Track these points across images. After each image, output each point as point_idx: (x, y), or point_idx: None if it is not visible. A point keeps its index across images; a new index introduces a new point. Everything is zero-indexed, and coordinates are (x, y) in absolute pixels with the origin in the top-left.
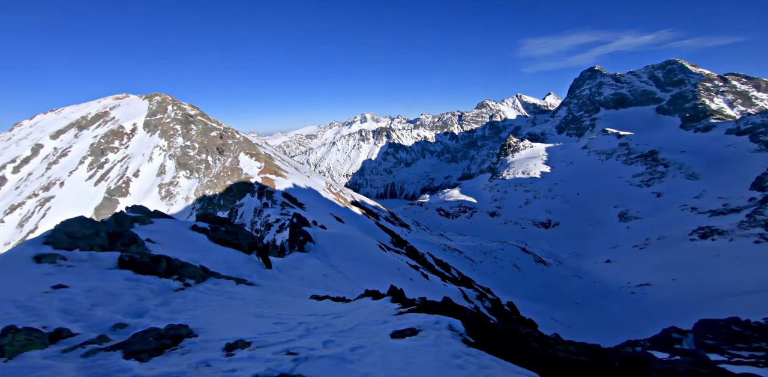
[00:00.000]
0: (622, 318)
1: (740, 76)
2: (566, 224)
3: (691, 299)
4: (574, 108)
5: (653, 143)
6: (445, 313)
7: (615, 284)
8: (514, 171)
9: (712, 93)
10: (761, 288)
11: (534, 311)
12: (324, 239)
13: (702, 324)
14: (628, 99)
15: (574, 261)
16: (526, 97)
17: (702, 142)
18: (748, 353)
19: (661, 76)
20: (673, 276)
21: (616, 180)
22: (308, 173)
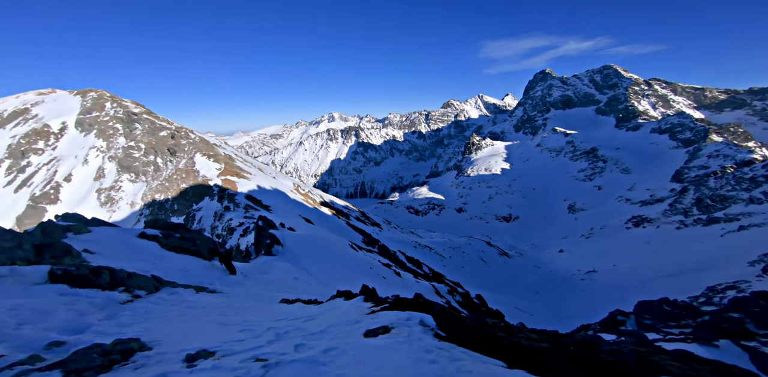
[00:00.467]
0: (576, 304)
1: (661, 81)
2: (525, 218)
3: (631, 282)
4: (529, 108)
5: (594, 141)
6: (417, 309)
7: (568, 272)
8: (478, 168)
9: (640, 96)
10: (684, 270)
11: (500, 302)
12: (293, 242)
13: (640, 305)
14: (573, 100)
15: (533, 252)
16: (487, 97)
17: (632, 140)
18: (678, 330)
19: (599, 79)
20: (614, 262)
21: (565, 175)
22: (274, 174)
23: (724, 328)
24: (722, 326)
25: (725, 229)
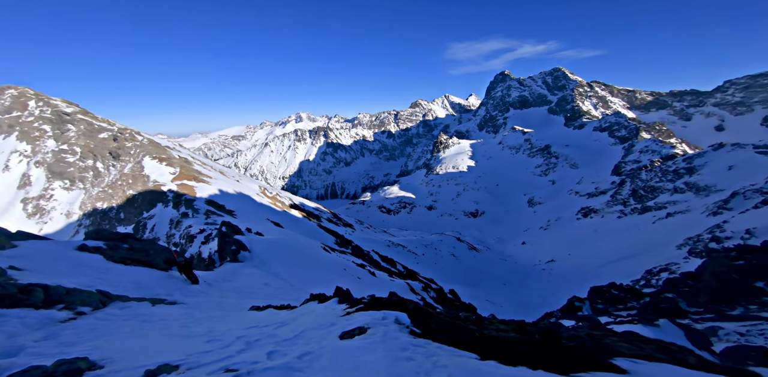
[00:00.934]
0: (540, 293)
1: (601, 83)
2: (490, 213)
3: (584, 269)
4: (491, 108)
5: (547, 139)
6: (392, 308)
7: (530, 263)
8: (446, 166)
9: (584, 97)
10: (626, 255)
11: (472, 295)
12: (261, 247)
13: (592, 291)
14: (529, 100)
15: (499, 245)
16: (453, 97)
17: (578, 137)
18: (626, 312)
19: (550, 81)
20: (569, 251)
21: (524, 171)
22: (237, 177)
23: (662, 308)
24: (660, 306)
25: (656, 216)
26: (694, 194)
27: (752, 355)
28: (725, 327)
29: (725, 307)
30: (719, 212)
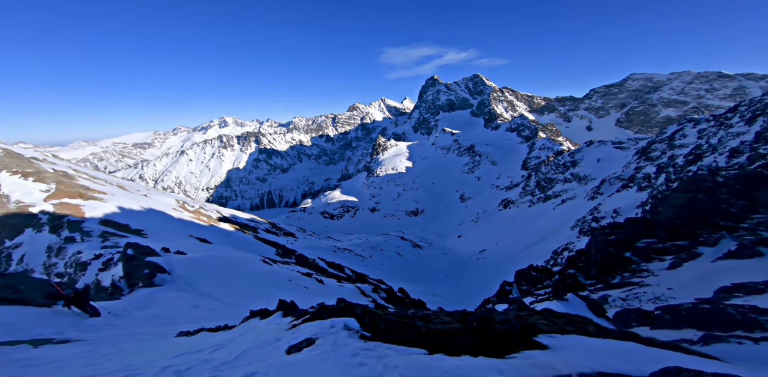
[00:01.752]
0: (478, 282)
1: (509, 89)
2: (429, 210)
3: (510, 255)
4: (424, 111)
5: (471, 139)
6: (340, 314)
7: (467, 254)
8: (386, 168)
9: (497, 101)
10: (538, 239)
11: (420, 291)
12: (185, 267)
13: (517, 274)
14: (455, 104)
15: (440, 241)
16: (389, 100)
17: (495, 137)
18: (543, 291)
19: (471, 86)
20: (496, 241)
21: (455, 169)
22: (144, 191)
23: (568, 283)
24: (566, 281)
25: (555, 203)
26: (577, 183)
27: (633, 316)
28: (612, 295)
29: (608, 277)
30: (595, 196)
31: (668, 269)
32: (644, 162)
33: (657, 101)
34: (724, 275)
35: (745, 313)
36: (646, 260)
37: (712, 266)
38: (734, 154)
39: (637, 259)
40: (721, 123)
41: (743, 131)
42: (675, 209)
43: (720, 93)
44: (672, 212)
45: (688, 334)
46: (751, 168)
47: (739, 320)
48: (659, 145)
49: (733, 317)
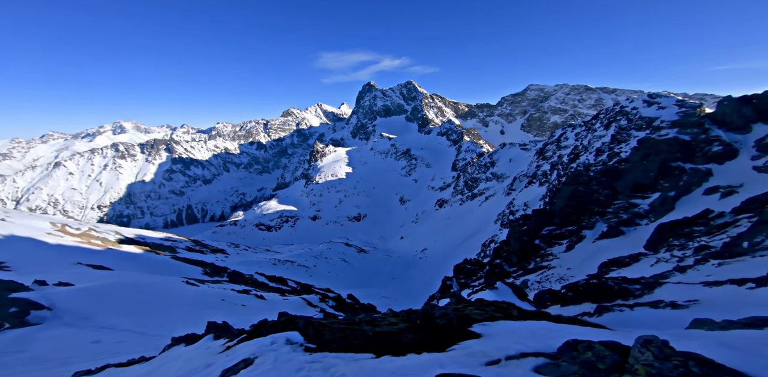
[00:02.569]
0: (423, 280)
1: (438, 96)
2: (371, 215)
3: (448, 251)
4: (361, 116)
5: (407, 143)
6: (281, 329)
7: (410, 254)
8: (325, 175)
9: (429, 107)
10: (469, 234)
11: (370, 295)
12: (73, 299)
13: (455, 268)
14: (391, 110)
15: (384, 244)
16: (326, 106)
17: (428, 141)
18: (478, 282)
19: (405, 93)
20: (435, 239)
21: (393, 173)
22: (0, 214)
23: (496, 273)
24: (495, 271)
25: (480, 201)
26: (496, 181)
27: (547, 297)
28: (530, 279)
29: (526, 263)
30: (510, 192)
31: (565, 252)
32: (542, 161)
33: (547, 108)
34: (603, 252)
35: (620, 284)
36: (550, 246)
37: (594, 245)
38: (599, 153)
39: (544, 245)
40: (589, 128)
41: (603, 134)
42: (564, 200)
43: (587, 103)
44: (563, 203)
45: (586, 307)
46: (610, 164)
47: (617, 291)
48: (551, 146)
49: (612, 289)
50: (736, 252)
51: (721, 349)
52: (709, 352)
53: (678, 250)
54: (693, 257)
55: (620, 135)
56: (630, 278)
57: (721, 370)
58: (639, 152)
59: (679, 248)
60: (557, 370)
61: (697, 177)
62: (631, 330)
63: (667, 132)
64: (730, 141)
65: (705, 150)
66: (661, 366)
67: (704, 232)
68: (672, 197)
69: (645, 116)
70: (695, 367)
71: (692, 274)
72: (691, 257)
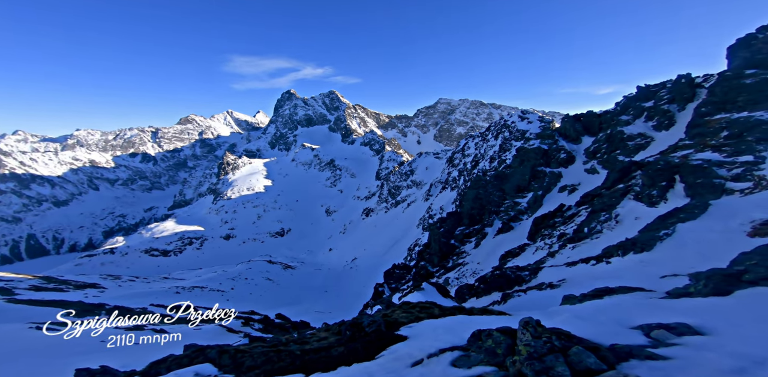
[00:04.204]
0: (356, 289)
1: (361, 106)
2: (296, 228)
3: (378, 259)
4: (281, 126)
5: (331, 154)
6: (187, 364)
7: (340, 266)
8: (239, 189)
9: (352, 117)
10: (395, 240)
11: (302, 312)
12: None
13: (385, 274)
14: (314, 119)
15: (312, 257)
16: (238, 113)
17: (352, 151)
18: (407, 285)
19: (328, 102)
20: (364, 248)
21: (317, 184)
22: None
23: (421, 274)
24: (420, 273)
25: (403, 207)
26: (416, 188)
27: (465, 291)
28: (450, 276)
29: (445, 262)
30: (428, 198)
31: (475, 248)
32: (451, 168)
33: (454, 120)
34: (501, 246)
35: (515, 272)
36: (463, 244)
37: (494, 240)
38: (492, 160)
39: (458, 244)
40: (484, 138)
41: (494, 144)
42: (470, 202)
43: (482, 116)
44: (469, 205)
45: (495, 296)
46: (500, 169)
47: (513, 278)
48: (458, 154)
49: (510, 277)
50: (581, 237)
51: (575, 321)
52: (568, 325)
53: (548, 238)
54: (557, 244)
55: (505, 145)
56: (521, 266)
57: (574, 340)
58: (517, 159)
59: (548, 237)
60: (469, 361)
61: (553, 179)
62: (524, 313)
63: (534, 143)
64: (570, 150)
65: (556, 157)
66: (536, 345)
67: (561, 222)
68: (540, 195)
69: (520, 129)
70: (557, 341)
71: (559, 258)
72: (556, 243)
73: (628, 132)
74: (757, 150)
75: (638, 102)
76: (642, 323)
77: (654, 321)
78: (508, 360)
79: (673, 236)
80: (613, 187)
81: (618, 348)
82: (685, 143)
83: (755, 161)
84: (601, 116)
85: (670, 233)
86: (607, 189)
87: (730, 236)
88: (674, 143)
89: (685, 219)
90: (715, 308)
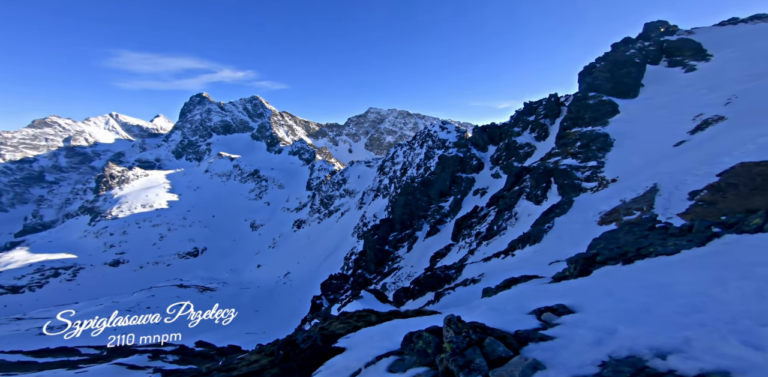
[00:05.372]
0: (292, 304)
1: (289, 114)
2: (214, 247)
3: (313, 271)
4: (189, 132)
5: (255, 164)
6: None
7: (272, 282)
8: (131, 206)
9: (278, 125)
10: (332, 250)
11: (230, 336)
12: None
13: (322, 286)
14: (232, 126)
15: (236, 276)
16: (126, 117)
17: (279, 161)
18: (345, 295)
19: (250, 108)
20: (298, 261)
21: (239, 197)
22: None
23: (360, 282)
24: (358, 281)
25: (337, 217)
26: (349, 196)
27: (402, 294)
28: (387, 282)
29: (381, 268)
30: (361, 206)
31: (407, 252)
32: (382, 176)
33: (384, 130)
34: (430, 248)
35: (444, 271)
36: (396, 249)
37: (424, 243)
38: (418, 167)
39: (392, 249)
40: (411, 147)
41: (420, 152)
42: (401, 208)
43: (409, 126)
44: (400, 211)
45: (430, 296)
46: (426, 176)
47: (443, 277)
48: (388, 163)
49: (440, 277)
50: (492, 234)
51: (490, 313)
52: (484, 317)
53: (468, 238)
54: (475, 242)
55: (429, 153)
56: (448, 265)
57: (488, 331)
58: (440, 166)
59: (468, 237)
60: (403, 364)
61: (468, 183)
62: (453, 310)
63: (452, 151)
64: (480, 157)
65: (470, 164)
66: (457, 340)
67: (477, 222)
68: (459, 199)
69: (441, 138)
70: (473, 334)
71: (477, 254)
72: (474, 242)
73: (520, 142)
74: (599, 157)
75: (525, 116)
76: (535, 307)
77: (543, 304)
78: (437, 358)
79: (553, 228)
80: (512, 189)
81: (520, 333)
82: (555, 151)
83: (598, 165)
84: (500, 127)
85: (551, 226)
86: (508, 191)
87: (588, 226)
88: (549, 151)
89: (560, 214)
90: (581, 287)
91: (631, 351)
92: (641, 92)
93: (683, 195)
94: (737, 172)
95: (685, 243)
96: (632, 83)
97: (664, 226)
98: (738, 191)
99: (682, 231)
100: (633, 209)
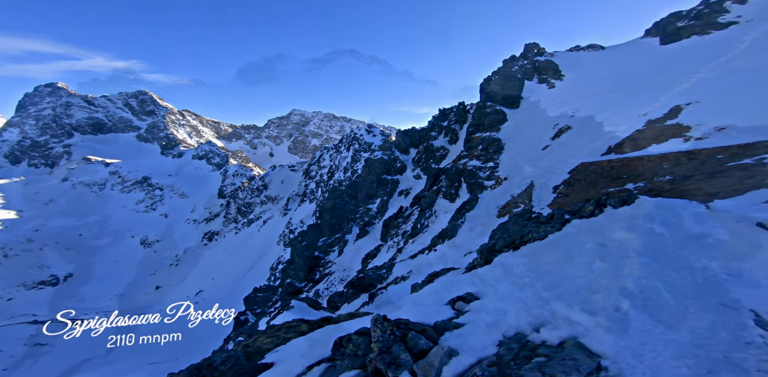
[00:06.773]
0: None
1: (192, 112)
2: (84, 272)
3: (233, 285)
4: (34, 131)
5: (143, 170)
6: None
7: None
8: None
9: (177, 125)
10: (254, 261)
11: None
12: None
13: (245, 300)
14: (107, 125)
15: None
16: None
17: (179, 166)
18: (274, 307)
19: (135, 105)
20: (212, 277)
21: (122, 210)
22: None
23: (290, 292)
24: (288, 291)
25: (258, 225)
26: (272, 203)
27: (336, 298)
28: (320, 288)
29: (312, 275)
30: (286, 212)
31: (338, 257)
32: (308, 180)
33: (308, 132)
34: (361, 250)
35: (375, 271)
36: (327, 254)
37: (355, 246)
38: (345, 170)
39: (322, 255)
40: (338, 150)
41: (346, 155)
42: (329, 213)
43: (335, 129)
44: (328, 215)
45: (365, 298)
46: (353, 179)
47: (375, 278)
48: (314, 166)
49: (372, 277)
50: (416, 232)
51: (414, 308)
52: (408, 313)
53: (395, 237)
54: (402, 241)
55: (356, 156)
56: (379, 265)
57: (410, 326)
58: (366, 169)
59: (395, 236)
60: (335, 371)
61: (393, 185)
62: (385, 309)
63: (378, 154)
64: (403, 160)
65: (394, 166)
66: (383, 339)
67: (403, 222)
68: (386, 200)
69: (367, 142)
70: (397, 331)
71: (405, 252)
72: (402, 240)
73: (436, 145)
74: (495, 159)
75: (439, 122)
76: (450, 298)
77: (456, 294)
78: (367, 359)
79: (465, 223)
80: (431, 189)
81: (438, 324)
82: (463, 154)
83: (494, 166)
84: (420, 131)
85: (464, 221)
86: (428, 191)
87: (491, 219)
88: (459, 154)
89: (469, 209)
90: (485, 275)
91: (517, 328)
92: (522, 103)
93: (549, 189)
94: (579, 170)
95: (550, 229)
96: (515, 95)
97: (536, 216)
98: (581, 185)
99: (548, 219)
100: (519, 203)
